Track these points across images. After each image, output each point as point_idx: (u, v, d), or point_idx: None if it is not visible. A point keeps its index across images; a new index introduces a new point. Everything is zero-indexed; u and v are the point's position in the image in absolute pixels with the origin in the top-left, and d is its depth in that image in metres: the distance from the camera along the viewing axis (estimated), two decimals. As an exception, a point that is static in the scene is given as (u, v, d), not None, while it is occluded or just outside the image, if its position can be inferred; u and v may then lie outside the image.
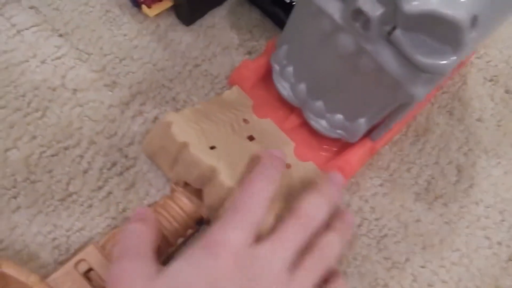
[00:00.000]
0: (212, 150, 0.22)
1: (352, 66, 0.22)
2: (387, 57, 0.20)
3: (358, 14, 0.19)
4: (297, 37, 0.24)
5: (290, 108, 0.27)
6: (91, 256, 0.21)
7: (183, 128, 0.22)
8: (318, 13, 0.21)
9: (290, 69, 0.25)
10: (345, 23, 0.20)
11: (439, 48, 0.18)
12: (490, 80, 0.33)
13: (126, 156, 0.26)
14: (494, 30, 0.22)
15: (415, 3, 0.18)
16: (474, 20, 0.18)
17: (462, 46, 0.18)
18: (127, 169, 0.25)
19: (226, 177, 0.21)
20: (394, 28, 0.19)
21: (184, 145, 0.22)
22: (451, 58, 0.18)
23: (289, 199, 0.23)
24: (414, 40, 0.19)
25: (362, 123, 0.24)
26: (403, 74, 0.20)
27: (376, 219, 0.27)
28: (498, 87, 0.33)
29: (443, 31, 0.18)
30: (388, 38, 0.19)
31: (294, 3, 0.24)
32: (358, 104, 0.24)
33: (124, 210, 0.24)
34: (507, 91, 0.33)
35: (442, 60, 0.18)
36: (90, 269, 0.21)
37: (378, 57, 0.20)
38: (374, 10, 0.19)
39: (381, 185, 0.28)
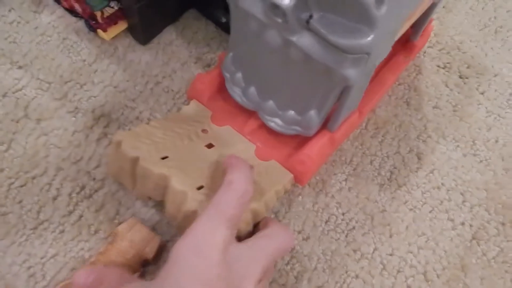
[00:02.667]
0: (163, 160, 0.23)
1: (286, 60, 0.22)
2: (311, 45, 0.21)
3: (275, 8, 0.20)
4: (238, 43, 0.25)
5: (249, 113, 0.28)
6: None
7: (132, 144, 0.23)
8: (246, 16, 0.22)
9: (239, 75, 0.26)
10: (268, 20, 0.21)
11: (356, 28, 0.19)
12: (444, 67, 0.35)
13: (94, 179, 0.26)
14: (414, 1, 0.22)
15: None
16: None
17: (375, 23, 0.19)
18: (96, 191, 0.26)
19: (177, 182, 0.22)
20: (311, 16, 0.20)
21: (135, 160, 0.23)
22: (370, 36, 0.19)
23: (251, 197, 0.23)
24: (331, 25, 0.19)
25: (313, 115, 0.25)
26: (330, 58, 0.20)
27: (343, 214, 0.28)
28: (452, 73, 0.34)
29: (354, 12, 0.19)
30: (308, 26, 0.20)
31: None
32: (304, 97, 0.24)
33: (96, 231, 0.25)
34: (460, 77, 0.34)
35: (361, 39, 0.19)
36: None
37: (303, 46, 0.21)
38: (287, 2, 0.19)
39: (345, 180, 0.29)
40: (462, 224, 0.28)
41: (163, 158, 0.23)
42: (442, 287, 0.26)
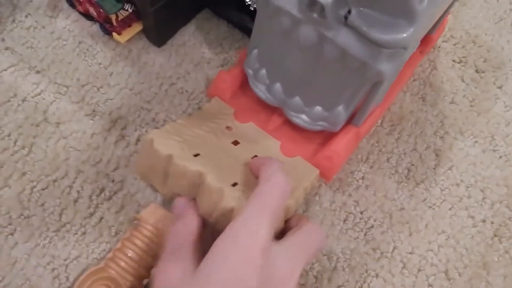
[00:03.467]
0: (196, 158, 0.23)
1: (318, 57, 0.22)
2: (348, 41, 0.21)
3: (313, 4, 0.20)
4: (264, 40, 0.25)
5: (272, 109, 0.27)
6: None
7: (165, 142, 0.23)
8: (278, 12, 0.22)
9: (263, 71, 0.26)
10: (303, 16, 0.21)
11: (395, 23, 0.19)
12: (459, 62, 0.34)
13: (113, 181, 0.27)
14: None
15: None
16: None
17: (416, 18, 0.19)
18: (115, 193, 0.26)
19: (213, 180, 0.21)
20: (349, 12, 0.20)
21: (169, 158, 0.22)
22: (408, 30, 0.19)
23: None
24: (370, 20, 0.19)
25: (341, 111, 0.25)
26: (366, 53, 0.21)
27: (361, 212, 0.28)
28: (468, 68, 0.34)
29: (395, 6, 0.19)
30: (345, 22, 0.20)
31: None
32: (333, 93, 0.24)
33: (117, 233, 0.25)
34: (477, 71, 0.34)
35: (400, 34, 0.19)
36: None
37: (340, 42, 0.21)
38: None
39: (362, 178, 0.29)
40: (483, 221, 0.28)
41: (195, 155, 0.23)
42: (464, 285, 0.26)
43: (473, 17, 0.36)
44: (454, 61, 0.34)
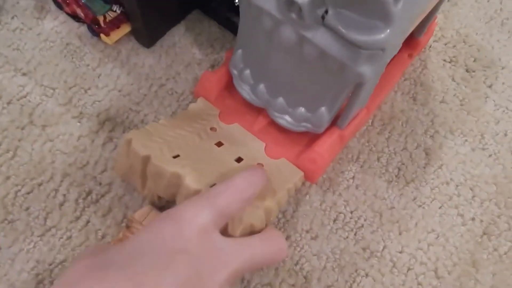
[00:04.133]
0: (175, 159, 0.23)
1: (299, 57, 0.22)
2: (326, 41, 0.20)
3: (290, 4, 0.20)
4: (248, 40, 0.25)
5: (257, 110, 0.27)
6: None
7: (143, 142, 0.23)
8: (259, 13, 0.22)
9: (247, 72, 0.26)
10: (282, 16, 0.21)
11: (372, 24, 0.19)
12: (450, 62, 0.34)
13: (100, 184, 0.26)
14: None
15: None
16: None
17: (391, 19, 0.19)
18: (103, 195, 0.26)
19: (191, 181, 0.21)
20: (326, 12, 0.20)
21: (147, 158, 0.22)
22: (386, 31, 0.19)
23: (263, 195, 0.23)
24: (347, 20, 0.19)
25: (324, 112, 0.24)
26: (345, 54, 0.20)
27: (351, 212, 0.27)
28: (458, 67, 0.34)
29: (371, 8, 0.19)
30: (323, 22, 0.20)
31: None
32: (315, 94, 0.24)
33: (103, 236, 0.25)
34: (467, 70, 0.34)
35: (377, 35, 0.19)
36: None
37: (318, 43, 0.21)
38: None
39: (352, 177, 0.29)
40: (472, 219, 0.28)
41: (174, 157, 0.23)
42: (454, 283, 0.26)
43: (464, 16, 0.36)
44: (445, 60, 0.34)
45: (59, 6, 0.32)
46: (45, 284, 0.23)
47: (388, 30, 0.19)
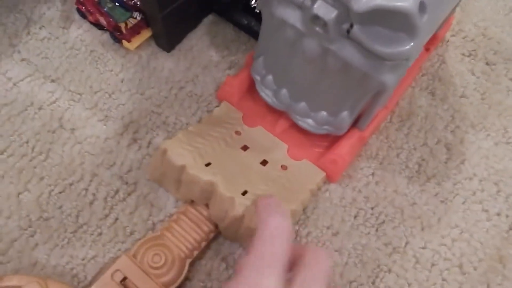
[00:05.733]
0: (208, 167, 0.24)
1: (322, 67, 0.23)
2: (350, 53, 0.21)
3: (315, 19, 0.21)
4: (270, 48, 0.26)
5: (279, 113, 0.28)
6: (124, 266, 0.23)
7: (178, 152, 0.24)
8: (282, 24, 0.23)
9: (269, 77, 0.27)
10: (306, 29, 0.22)
11: (396, 37, 0.19)
12: (469, 55, 0.34)
13: (126, 183, 0.27)
14: (449, 6, 0.23)
15: (363, 1, 0.19)
16: (422, 5, 0.19)
17: (416, 32, 0.19)
18: (129, 194, 0.27)
19: (224, 189, 0.23)
20: (351, 26, 0.20)
21: (182, 168, 0.24)
22: (410, 43, 0.19)
23: (288, 198, 0.24)
24: (372, 33, 0.20)
25: (345, 116, 0.25)
26: (369, 65, 0.21)
27: (372, 208, 0.27)
28: (477, 61, 0.33)
29: (396, 21, 0.19)
30: (348, 35, 0.21)
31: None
32: (337, 100, 0.25)
33: (131, 233, 0.26)
34: (487, 63, 0.33)
35: (401, 47, 0.19)
36: (125, 278, 0.23)
37: (343, 55, 0.21)
38: (329, 14, 0.20)
39: (372, 174, 0.29)
40: (498, 214, 0.27)
41: (206, 165, 0.24)
42: (480, 279, 0.25)
43: (481, 9, 0.36)
44: (463, 54, 0.34)
45: (83, 16, 0.33)
46: (79, 277, 0.25)
47: (413, 42, 0.19)
